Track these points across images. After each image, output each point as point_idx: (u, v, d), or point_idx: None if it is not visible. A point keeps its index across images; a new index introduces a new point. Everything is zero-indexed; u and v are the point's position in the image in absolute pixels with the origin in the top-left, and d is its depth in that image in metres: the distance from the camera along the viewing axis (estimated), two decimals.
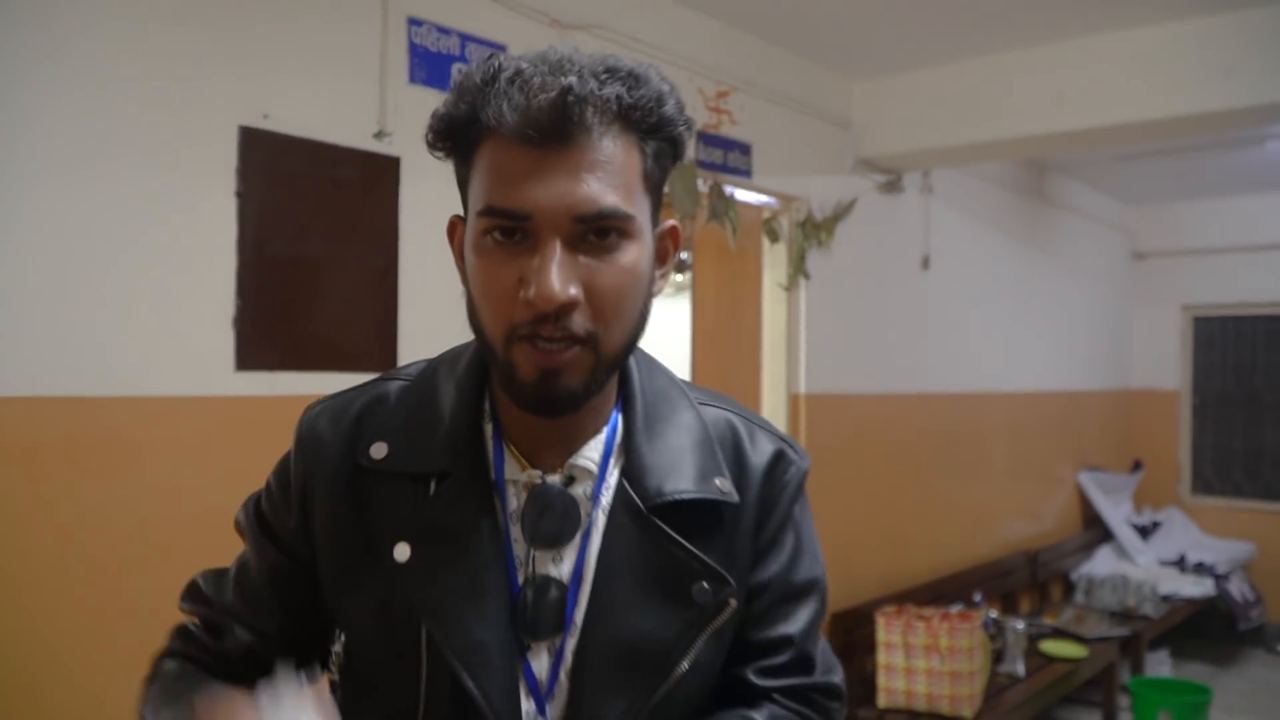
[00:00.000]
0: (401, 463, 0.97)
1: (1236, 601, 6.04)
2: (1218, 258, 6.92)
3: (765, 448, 1.05)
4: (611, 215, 0.86)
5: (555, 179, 0.84)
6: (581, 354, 0.88)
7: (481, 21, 2.78)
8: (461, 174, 0.93)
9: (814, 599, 1.07)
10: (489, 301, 0.88)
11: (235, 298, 2.28)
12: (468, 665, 0.91)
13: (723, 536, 0.99)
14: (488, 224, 0.87)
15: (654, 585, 0.96)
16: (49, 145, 2.01)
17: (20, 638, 1.99)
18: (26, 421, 1.99)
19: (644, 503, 0.96)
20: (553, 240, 0.85)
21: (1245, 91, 3.50)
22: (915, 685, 3.77)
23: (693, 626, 0.96)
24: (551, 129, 0.84)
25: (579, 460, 0.98)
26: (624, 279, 0.88)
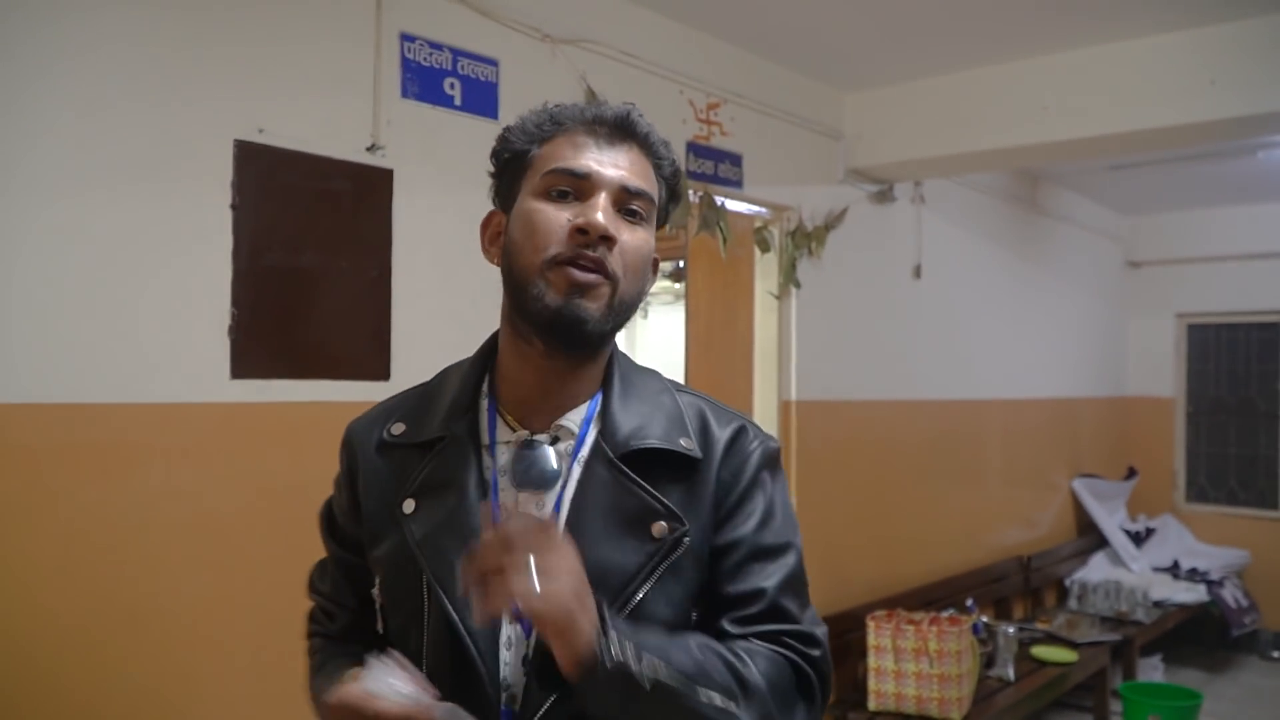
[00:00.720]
0: (411, 435, 1.20)
1: (1230, 608, 6.07)
2: (1212, 266, 6.97)
3: (729, 424, 1.21)
4: (646, 194, 1.14)
5: (611, 158, 1.12)
6: (606, 286, 1.09)
7: (473, 37, 2.84)
8: (516, 169, 1.16)
9: (788, 559, 1.18)
10: (537, 235, 1.10)
11: (231, 307, 2.34)
12: (449, 593, 1.09)
13: (683, 488, 1.15)
14: (553, 179, 1.11)
15: (619, 522, 1.12)
16: (50, 159, 2.07)
17: (21, 640, 2.04)
18: (28, 427, 2.05)
19: (614, 451, 1.14)
20: (603, 194, 1.11)
21: (1229, 103, 3.56)
22: (905, 688, 3.82)
23: (651, 559, 1.11)
24: (614, 129, 1.14)
25: (564, 422, 1.17)
26: (643, 247, 1.14)
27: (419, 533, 1.13)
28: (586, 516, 1.12)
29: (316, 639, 1.35)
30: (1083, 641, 4.93)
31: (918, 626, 3.81)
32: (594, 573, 1.05)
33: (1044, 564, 5.83)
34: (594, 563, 1.05)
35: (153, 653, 2.21)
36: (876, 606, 4.18)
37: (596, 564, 1.06)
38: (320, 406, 2.49)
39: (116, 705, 2.16)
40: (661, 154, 1.17)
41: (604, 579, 1.07)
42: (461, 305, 2.80)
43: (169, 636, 2.24)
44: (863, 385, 4.52)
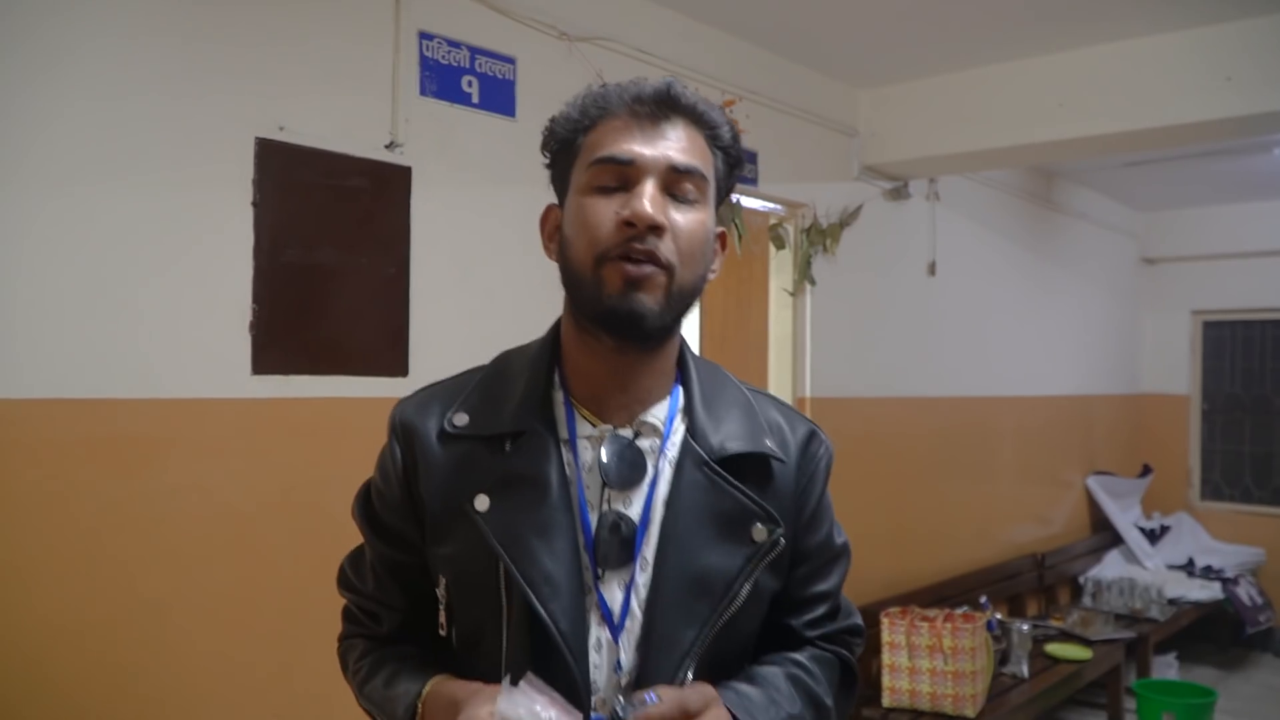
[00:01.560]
0: (480, 427, 1.13)
1: (1244, 606, 6.05)
2: (1227, 263, 6.94)
3: (800, 428, 1.24)
4: (696, 171, 1.08)
5: (656, 140, 1.07)
6: (661, 275, 1.05)
7: (491, 35, 2.86)
8: (565, 163, 1.13)
9: (845, 560, 1.28)
10: (588, 230, 1.06)
11: (251, 304, 2.36)
12: (539, 594, 1.05)
13: (771, 489, 1.16)
14: (598, 171, 1.07)
15: (718, 525, 1.11)
16: (70, 154, 2.09)
17: (42, 633, 2.06)
18: (49, 422, 2.07)
19: (709, 455, 1.13)
20: (649, 180, 1.06)
21: (1244, 100, 3.55)
22: (919, 685, 3.82)
23: (751, 560, 1.12)
24: (655, 107, 1.08)
25: (647, 417, 1.15)
26: (699, 229, 1.08)
27: (499, 531, 1.07)
28: (683, 519, 1.10)
29: (358, 640, 1.27)
30: (1097, 639, 4.92)
31: (932, 623, 3.82)
32: (695, 575, 1.09)
33: (1058, 561, 5.83)
34: (695, 565, 1.09)
35: (173, 646, 2.24)
36: (890, 603, 4.18)
37: (697, 567, 1.09)
38: (339, 402, 2.51)
39: (136, 699, 2.18)
40: (713, 120, 1.11)
41: (706, 582, 1.10)
42: (479, 302, 2.82)
43: (189, 630, 2.26)
44: (877, 382, 4.52)
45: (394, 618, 1.23)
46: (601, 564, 1.09)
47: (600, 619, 1.08)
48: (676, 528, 1.10)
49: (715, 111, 1.11)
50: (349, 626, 1.30)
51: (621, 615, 1.09)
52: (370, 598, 1.24)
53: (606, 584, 1.09)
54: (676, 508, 1.11)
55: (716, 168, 1.11)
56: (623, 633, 1.09)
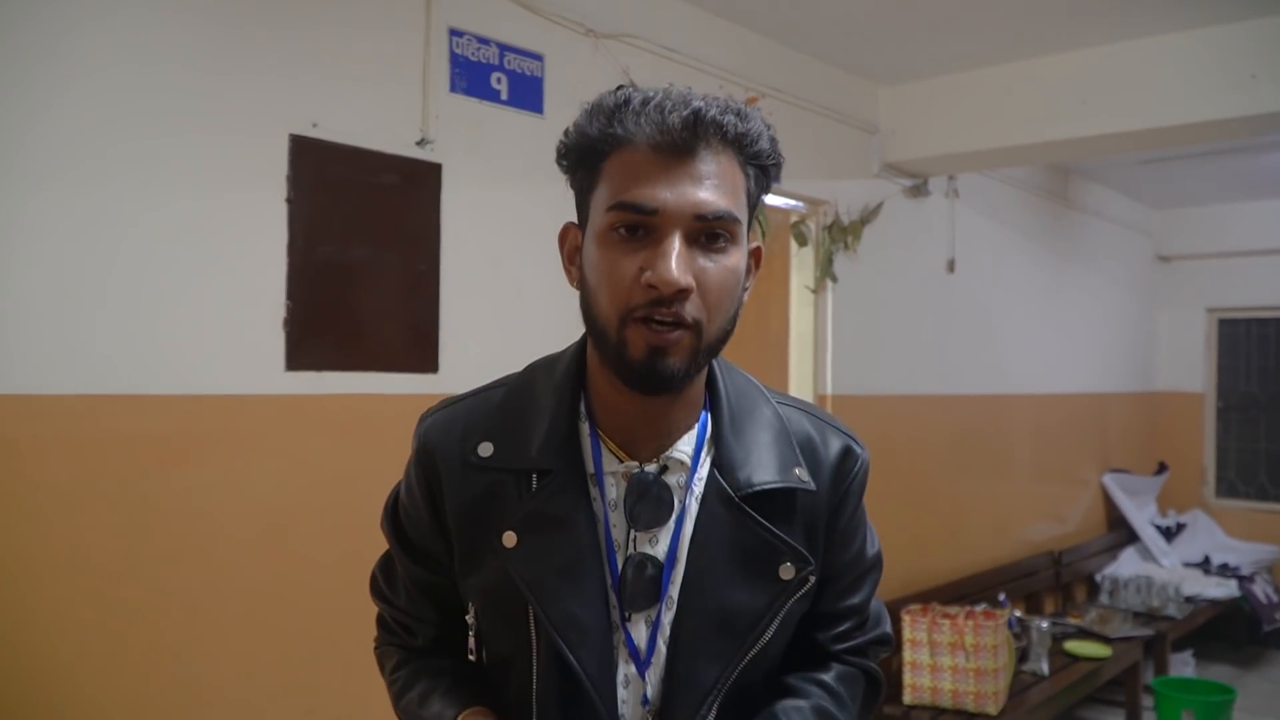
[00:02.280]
0: (505, 460, 1.08)
1: (1261, 603, 6.04)
2: (1242, 261, 6.93)
3: (834, 444, 1.17)
4: (726, 217, 0.99)
5: (682, 183, 0.98)
6: (686, 337, 0.99)
7: (520, 32, 2.86)
8: (584, 184, 1.05)
9: (876, 572, 1.25)
10: (609, 286, 0.99)
11: (285, 300, 2.37)
12: (567, 640, 1.04)
13: (801, 520, 1.12)
14: (617, 218, 0.99)
15: (744, 563, 1.08)
16: (110, 156, 2.10)
17: (81, 627, 2.07)
18: (87, 418, 2.08)
19: (735, 491, 1.08)
20: (675, 234, 0.97)
21: (1268, 98, 3.54)
22: (940, 682, 3.83)
23: (777, 599, 1.08)
24: (682, 141, 0.98)
25: (674, 453, 1.09)
26: (729, 277, 1.01)
27: (526, 573, 1.05)
28: (709, 556, 1.07)
29: (393, 650, 1.26)
30: (1115, 636, 4.92)
31: (953, 620, 3.82)
32: (720, 615, 1.07)
33: (1074, 559, 5.82)
34: (720, 604, 1.07)
35: (209, 641, 2.25)
36: (910, 601, 4.19)
37: (723, 606, 1.07)
38: (371, 399, 2.52)
39: (173, 692, 2.19)
40: (747, 138, 1.01)
41: (731, 622, 1.07)
42: (508, 299, 2.83)
43: (225, 625, 2.27)
44: (897, 380, 4.53)
45: (428, 631, 1.22)
46: (628, 606, 1.07)
47: (627, 656, 1.08)
48: (702, 566, 1.07)
49: (749, 124, 1.02)
50: (384, 635, 1.28)
51: (648, 653, 1.08)
52: (403, 611, 1.23)
53: (634, 623, 1.08)
54: (702, 546, 1.08)
55: (749, 190, 1.04)
56: (649, 669, 1.08)
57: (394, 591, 1.23)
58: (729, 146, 1.01)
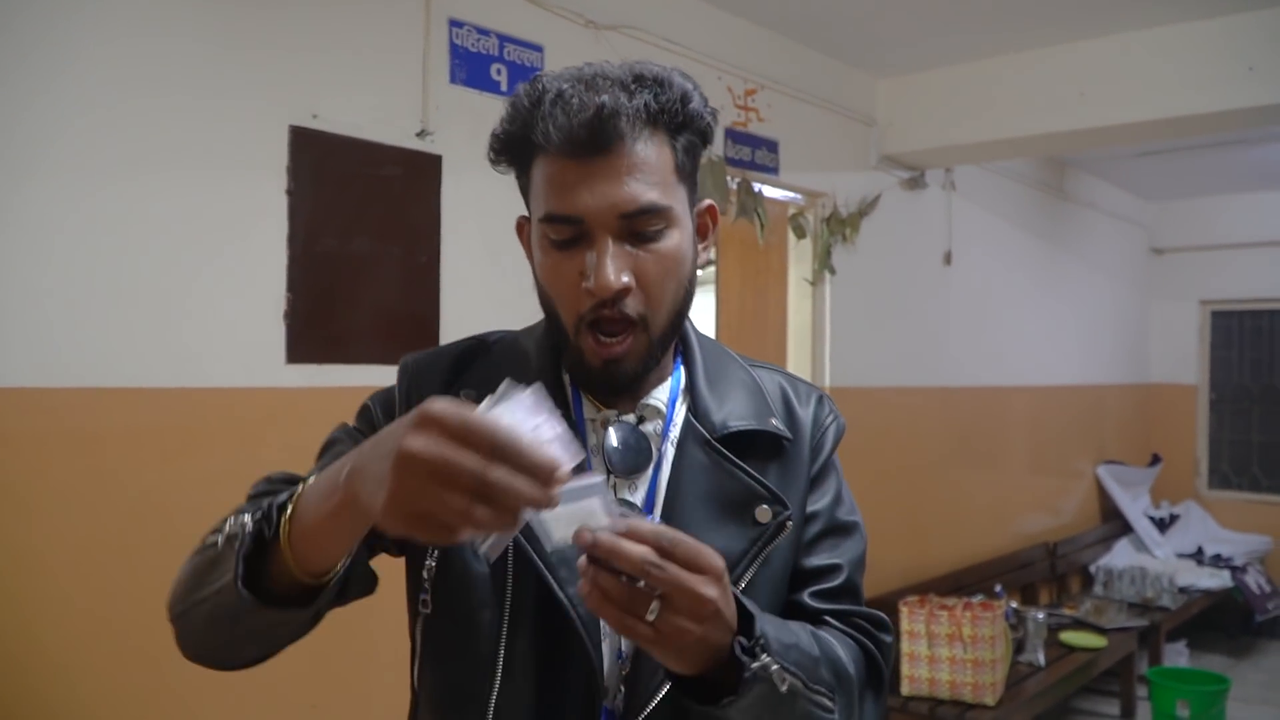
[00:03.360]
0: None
1: (1253, 594, 6.08)
2: (1236, 253, 6.95)
3: (809, 396, 1.19)
4: (651, 209, 0.98)
5: (599, 184, 0.96)
6: (636, 339, 1.00)
7: (519, 23, 2.85)
8: (522, 182, 1.05)
9: (857, 537, 1.17)
10: (557, 295, 1.02)
11: (286, 292, 2.35)
12: (557, 577, 0.99)
13: (778, 467, 1.10)
14: (548, 229, 0.99)
15: (720, 507, 1.06)
16: (105, 144, 2.08)
17: (83, 621, 2.06)
18: (91, 411, 2.07)
19: (710, 434, 1.08)
20: (604, 237, 0.97)
21: (1267, 89, 3.55)
22: (938, 673, 3.83)
23: (755, 544, 1.05)
24: (591, 142, 0.95)
25: (650, 400, 1.09)
26: (668, 263, 1.00)
27: None
28: (686, 501, 1.05)
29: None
30: (1110, 627, 4.94)
31: (951, 612, 3.82)
32: None
33: (1069, 550, 5.85)
34: None
35: None
36: (908, 592, 4.20)
37: None
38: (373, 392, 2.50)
39: (175, 688, 2.18)
40: (667, 115, 0.98)
41: None
42: (508, 290, 2.81)
43: None
44: (894, 371, 4.53)
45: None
46: None
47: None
48: (679, 510, 1.05)
49: (666, 94, 0.98)
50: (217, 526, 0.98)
51: None
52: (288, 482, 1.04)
53: None
54: (679, 490, 1.06)
55: (679, 163, 1.01)
56: None
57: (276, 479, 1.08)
58: (648, 127, 0.98)
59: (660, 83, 0.98)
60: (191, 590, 0.97)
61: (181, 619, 1.00)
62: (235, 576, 0.87)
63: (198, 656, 1.03)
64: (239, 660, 1.02)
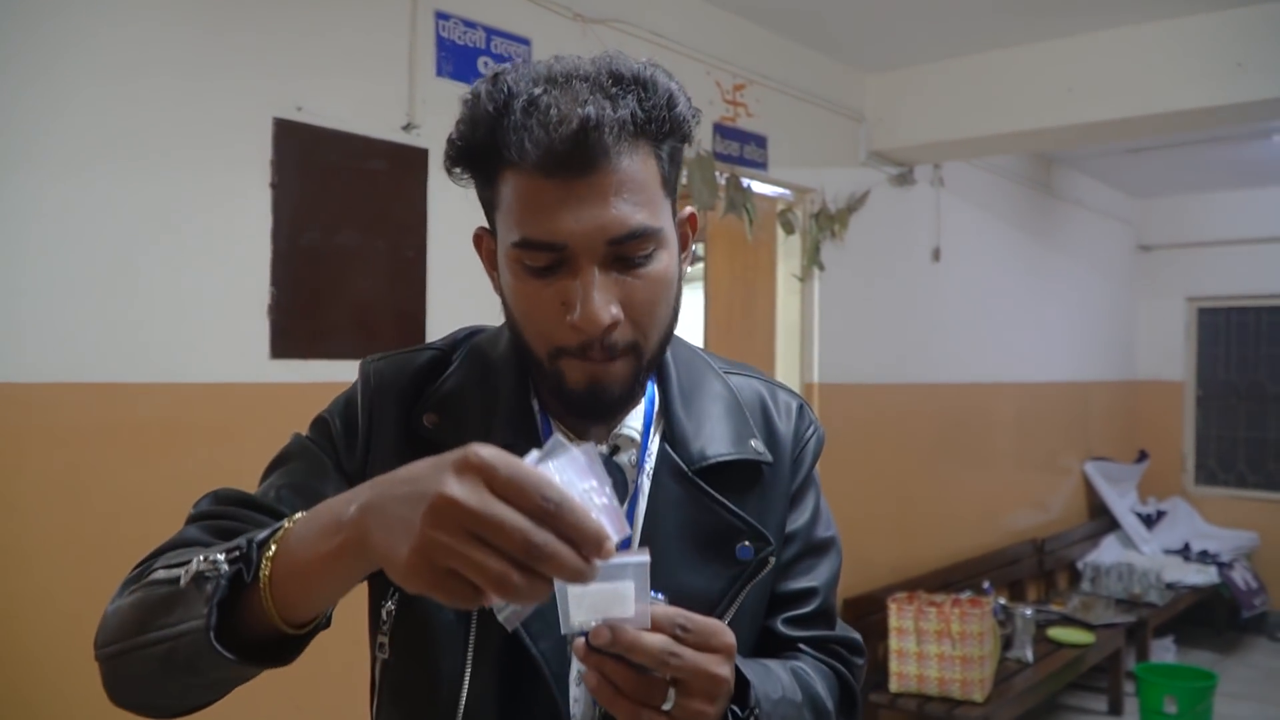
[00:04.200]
0: (451, 434, 0.96)
1: (1240, 590, 6.10)
2: (1222, 250, 6.97)
3: (788, 405, 1.11)
4: (640, 232, 0.88)
5: (584, 207, 0.86)
6: (626, 364, 0.92)
7: (507, 16, 2.82)
8: (484, 195, 0.95)
9: (833, 555, 1.11)
10: (532, 323, 0.92)
11: (270, 287, 2.33)
12: (529, 630, 0.91)
13: (759, 494, 1.03)
14: (523, 254, 0.88)
15: (699, 544, 0.98)
16: (90, 139, 2.05)
17: (62, 620, 2.03)
18: (70, 407, 2.04)
19: (688, 466, 1.00)
20: (590, 266, 0.88)
21: (1255, 86, 3.55)
22: (927, 670, 3.83)
23: (735, 582, 0.99)
24: (574, 161, 0.85)
25: (623, 430, 1.00)
26: (658, 289, 0.92)
27: None
28: (664, 538, 0.97)
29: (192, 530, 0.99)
30: (1098, 623, 4.95)
31: (940, 608, 3.82)
32: (677, 600, 0.89)
33: (1057, 547, 5.86)
34: (677, 588, 0.93)
35: None
36: (896, 589, 4.19)
37: (679, 590, 0.93)
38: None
39: None
40: (654, 125, 0.89)
41: (686, 605, 0.90)
42: None
43: None
44: (883, 368, 4.52)
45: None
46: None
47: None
48: (656, 549, 0.90)
49: (651, 97, 0.89)
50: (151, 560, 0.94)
51: None
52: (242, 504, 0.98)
53: None
54: (656, 526, 0.98)
55: (664, 174, 0.92)
56: None
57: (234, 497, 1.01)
58: (632, 138, 0.88)
59: (643, 84, 0.89)
60: (135, 630, 0.84)
61: (116, 660, 0.86)
62: (207, 626, 0.76)
63: (131, 704, 0.89)
64: (182, 708, 0.90)
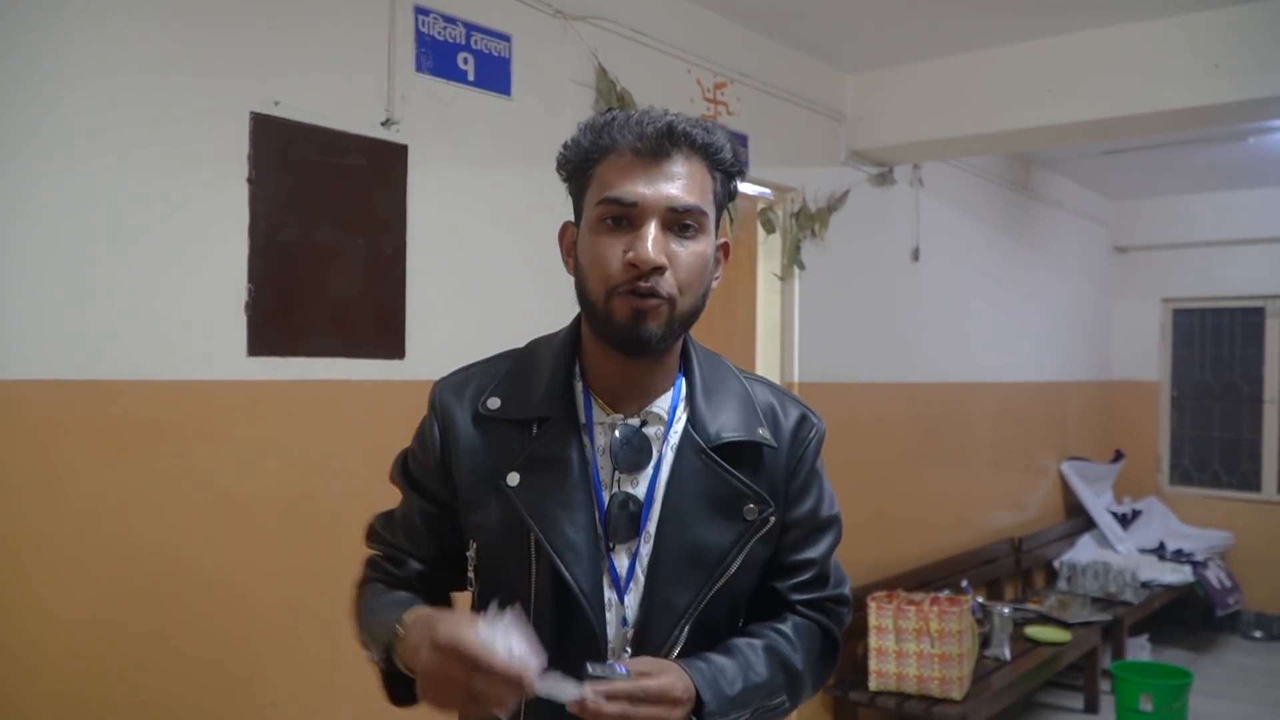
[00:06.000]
0: (511, 412, 1.29)
1: (1214, 589, 6.15)
2: (1197, 251, 7.03)
3: (793, 414, 1.38)
4: (695, 209, 1.20)
5: (657, 180, 1.20)
6: (663, 306, 1.19)
7: (487, 11, 2.81)
8: (578, 188, 1.27)
9: (833, 531, 1.41)
10: (599, 266, 1.20)
11: (247, 283, 2.30)
12: (564, 560, 1.22)
13: (763, 472, 1.31)
14: (604, 210, 1.20)
15: (713, 505, 1.27)
16: (64, 133, 2.02)
17: (38, 621, 2.00)
18: (43, 404, 2.00)
19: (706, 443, 1.28)
20: (651, 222, 1.19)
21: (1232, 87, 3.57)
22: (906, 668, 3.85)
23: (742, 536, 1.27)
24: (656, 147, 1.20)
25: (653, 408, 1.29)
26: (697, 260, 1.22)
27: (529, 505, 1.23)
28: (683, 499, 1.26)
29: (375, 584, 1.39)
30: (1074, 621, 4.99)
31: (919, 607, 3.84)
32: (692, 548, 1.25)
33: (1034, 546, 5.89)
34: (692, 539, 1.25)
35: (171, 633, 2.19)
36: (875, 587, 4.20)
37: (695, 542, 1.25)
38: (336, 385, 2.46)
39: (134, 684, 2.13)
40: (713, 147, 1.22)
41: (701, 555, 1.26)
42: (474, 283, 2.78)
43: (188, 617, 2.21)
44: (862, 367, 4.53)
45: (415, 567, 1.36)
46: (612, 536, 1.25)
47: (610, 583, 1.25)
48: (676, 506, 1.26)
49: (715, 135, 1.22)
50: (369, 572, 1.41)
51: (628, 580, 1.25)
52: (399, 548, 1.38)
53: (616, 553, 1.25)
54: (677, 489, 1.26)
55: (715, 191, 1.24)
56: (629, 594, 1.25)
57: (391, 532, 1.39)
58: (697, 153, 1.22)
59: (709, 129, 1.23)
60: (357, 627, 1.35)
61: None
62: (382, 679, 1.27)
63: None
64: None
